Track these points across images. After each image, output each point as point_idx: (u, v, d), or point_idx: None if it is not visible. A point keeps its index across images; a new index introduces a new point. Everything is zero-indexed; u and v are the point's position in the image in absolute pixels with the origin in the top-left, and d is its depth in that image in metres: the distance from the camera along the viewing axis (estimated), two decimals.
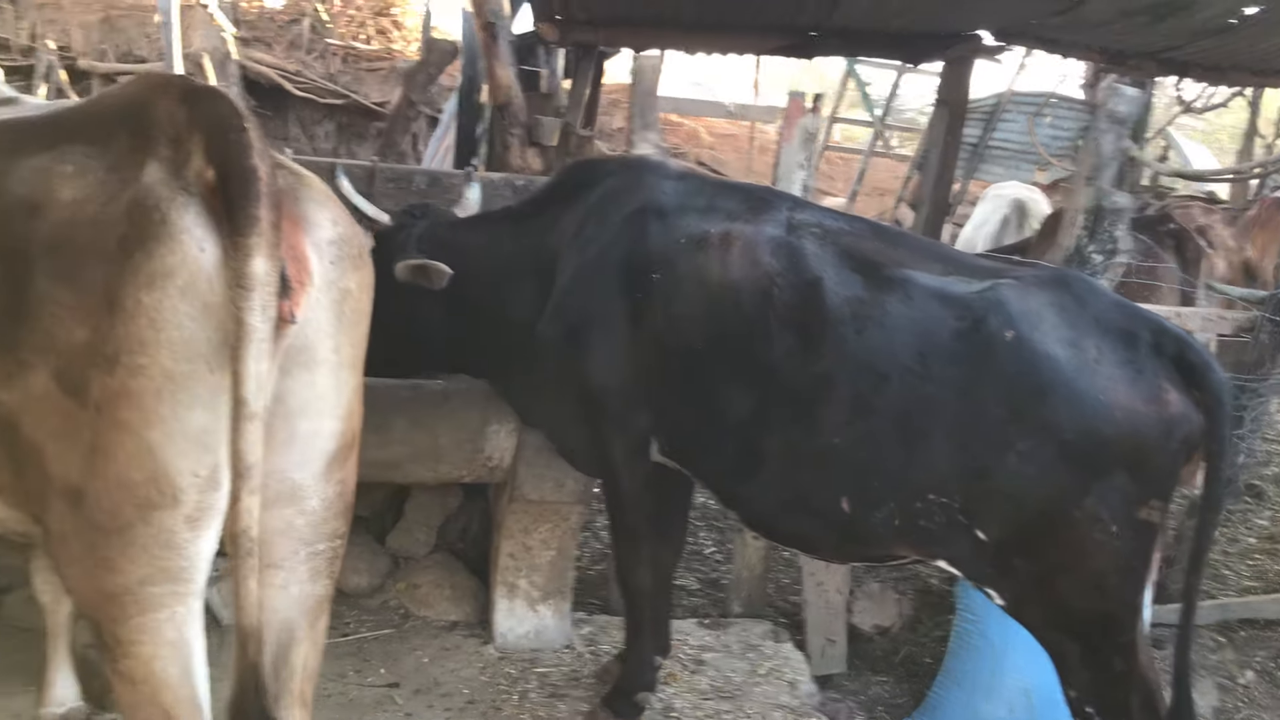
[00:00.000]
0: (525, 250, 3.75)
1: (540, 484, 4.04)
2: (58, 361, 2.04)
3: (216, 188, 2.05)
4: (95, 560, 2.10)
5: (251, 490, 2.01)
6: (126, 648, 2.13)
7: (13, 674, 3.56)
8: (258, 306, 1.99)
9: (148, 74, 2.37)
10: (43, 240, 2.07)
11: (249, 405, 1.99)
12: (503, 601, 4.17)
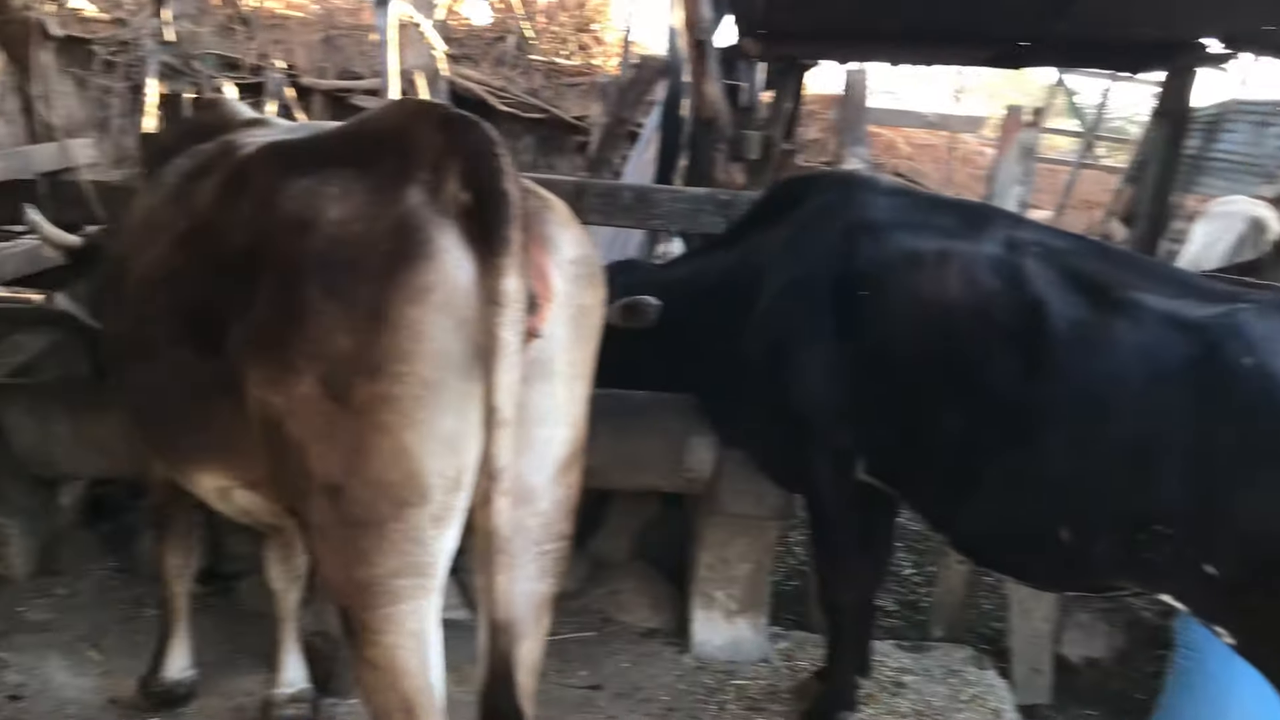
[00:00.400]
0: (732, 266, 3.82)
1: (740, 498, 4.08)
2: (324, 368, 2.21)
3: (472, 210, 2.19)
4: (350, 552, 2.26)
5: (503, 492, 2.13)
6: (373, 635, 2.30)
7: (245, 656, 3.83)
8: (510, 322, 2.12)
9: (405, 101, 2.55)
10: (313, 255, 2.25)
11: (501, 413, 2.11)
12: (700, 612, 4.24)
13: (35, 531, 4.26)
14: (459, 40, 13.42)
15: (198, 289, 2.55)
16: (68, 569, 4.29)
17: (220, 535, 4.17)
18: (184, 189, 2.83)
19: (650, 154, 6.94)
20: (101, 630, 3.92)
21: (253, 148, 2.69)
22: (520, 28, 13.39)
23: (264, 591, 3.68)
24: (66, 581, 4.22)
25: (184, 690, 3.52)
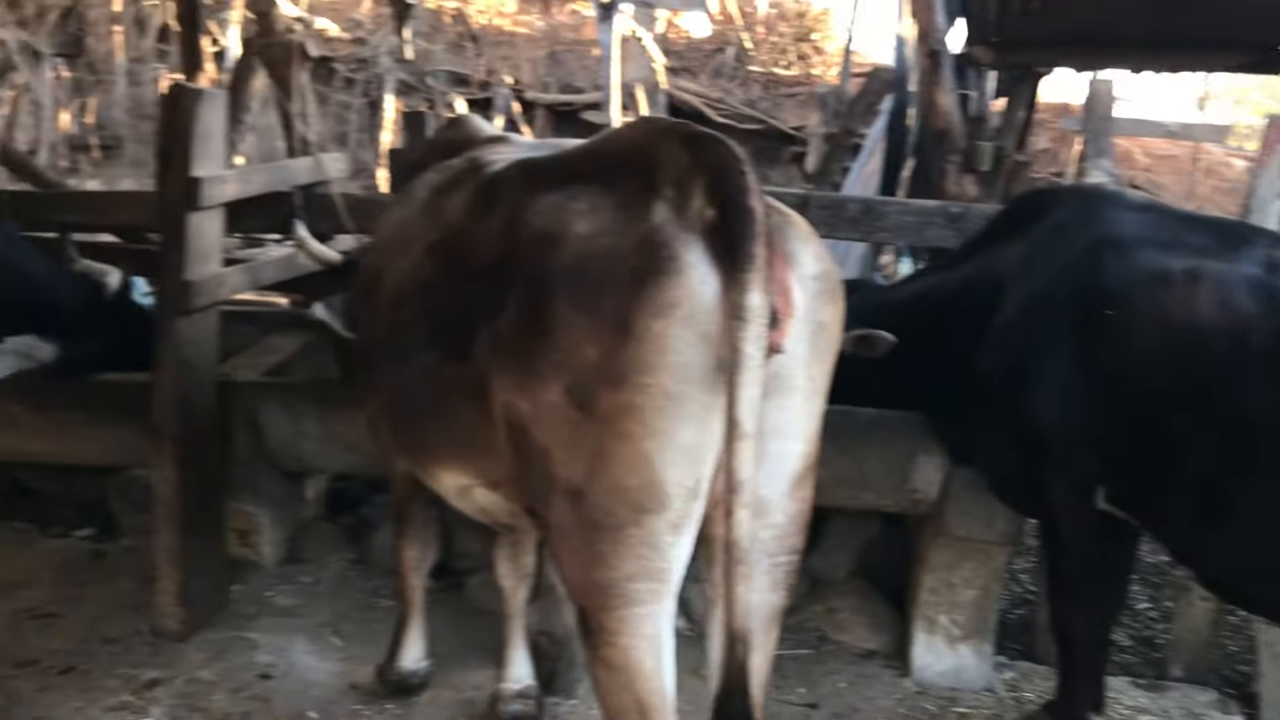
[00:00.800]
0: (968, 281, 3.71)
1: (968, 521, 3.96)
2: (570, 377, 2.28)
3: (717, 226, 2.21)
4: (590, 554, 2.32)
5: (743, 504, 2.15)
6: (609, 636, 2.35)
7: (473, 651, 3.97)
8: (753, 336, 2.13)
9: (649, 119, 2.60)
10: (561, 269, 2.32)
11: (743, 426, 2.13)
12: (921, 636, 4.13)
13: (283, 522, 4.55)
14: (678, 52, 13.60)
15: (447, 298, 2.68)
16: (311, 558, 4.56)
17: (452, 533, 4.34)
18: (434, 203, 2.97)
19: (873, 165, 6.84)
20: (342, 617, 4.15)
21: (501, 164, 2.81)
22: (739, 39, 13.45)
23: (493, 589, 3.82)
24: (310, 570, 4.48)
25: (418, 680, 3.68)
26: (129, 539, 4.66)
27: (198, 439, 3.98)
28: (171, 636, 3.88)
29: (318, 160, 4.90)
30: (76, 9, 16.71)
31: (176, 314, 3.86)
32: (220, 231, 4.13)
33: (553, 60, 14.24)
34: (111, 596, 4.20)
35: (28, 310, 4.07)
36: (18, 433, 4.45)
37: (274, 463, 4.43)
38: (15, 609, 4.08)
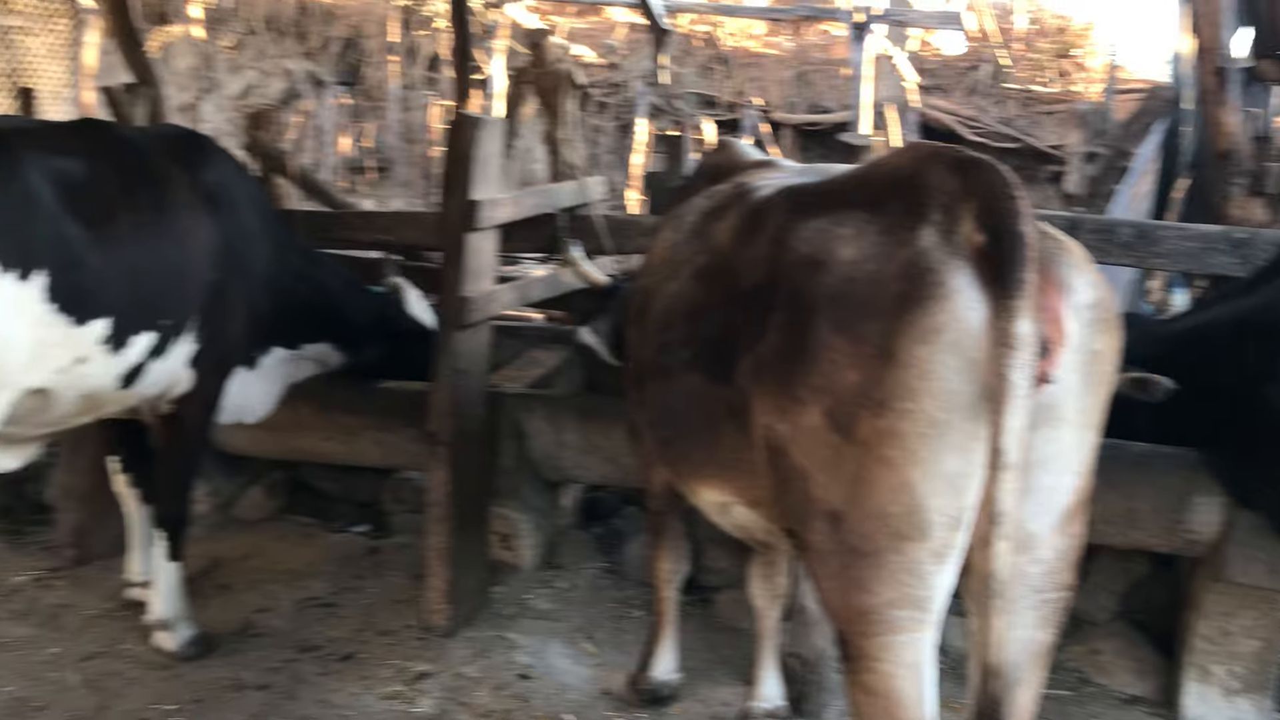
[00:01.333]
0: (1256, 312, 3.49)
1: (1250, 566, 3.70)
2: (830, 401, 2.30)
3: (986, 252, 2.19)
4: (848, 579, 2.33)
5: (1004, 536, 2.12)
6: (869, 662, 2.35)
7: (721, 668, 4.03)
8: (1021, 365, 2.09)
9: (916, 144, 2.59)
10: (825, 293, 2.35)
11: (1007, 456, 2.09)
12: (1194, 685, 3.89)
13: (541, 528, 4.76)
14: (931, 70, 13.35)
15: (712, 321, 2.75)
16: (566, 564, 4.74)
17: (702, 549, 4.43)
18: (702, 228, 3.06)
19: (1144, 187, 6.50)
20: (595, 624, 4.29)
21: (767, 190, 2.86)
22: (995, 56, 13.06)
23: (742, 606, 3.87)
24: (565, 576, 4.66)
25: (669, 691, 3.77)
26: (401, 536, 4.99)
27: (468, 445, 4.22)
28: (438, 632, 4.12)
29: (582, 183, 5.12)
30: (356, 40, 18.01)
31: (454, 327, 4.11)
32: (495, 251, 4.37)
33: (801, 81, 14.26)
34: (384, 590, 4.51)
35: (326, 323, 4.44)
36: (305, 434, 4.86)
37: (536, 471, 4.65)
38: (300, 597, 4.44)
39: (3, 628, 4.12)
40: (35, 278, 3.04)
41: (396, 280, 4.63)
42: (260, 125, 6.06)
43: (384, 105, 17.27)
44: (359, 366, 4.63)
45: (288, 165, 5.87)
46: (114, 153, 3.58)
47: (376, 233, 5.39)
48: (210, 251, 3.81)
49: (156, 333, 3.57)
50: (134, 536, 4.33)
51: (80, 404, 3.46)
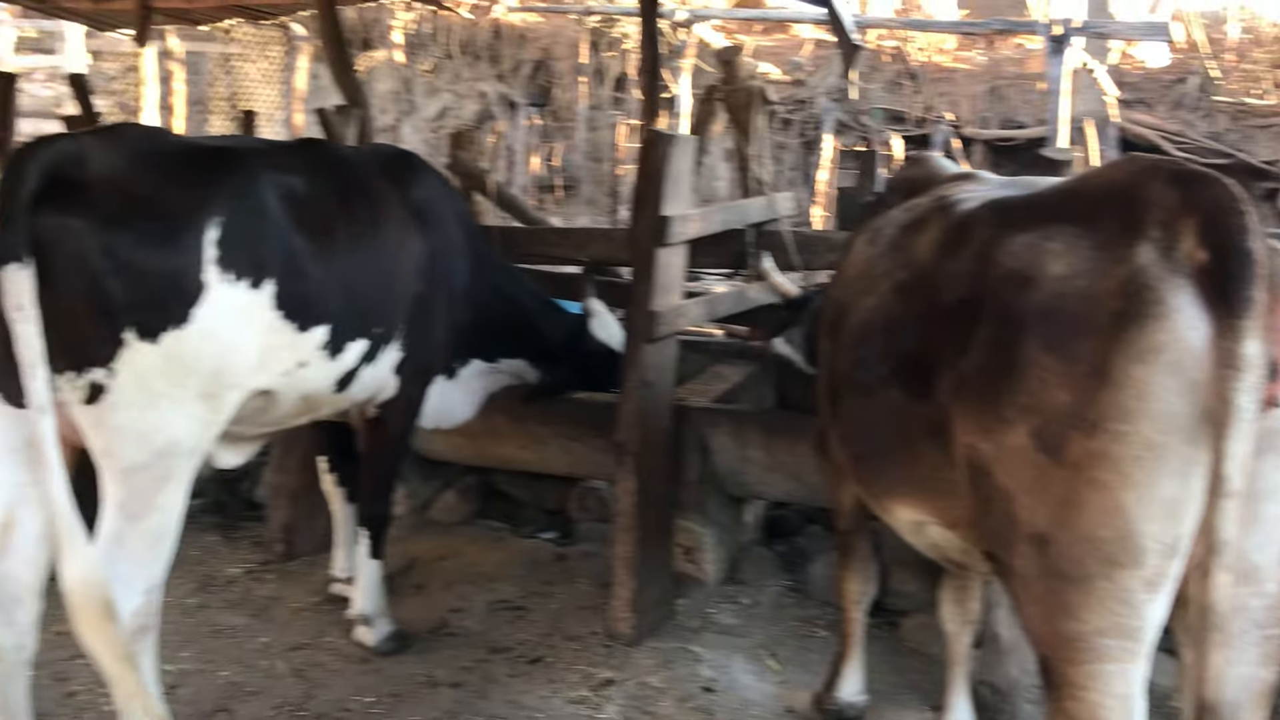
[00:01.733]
0: None
1: None
2: (1038, 421, 2.24)
3: (1209, 269, 2.10)
4: (1055, 604, 2.26)
5: (1225, 566, 2.03)
6: (1074, 690, 2.27)
7: (908, 693, 3.95)
8: (1247, 388, 2.01)
9: (1133, 157, 2.50)
10: (1033, 310, 2.29)
11: (1229, 483, 2.01)
12: None
13: (725, 543, 4.77)
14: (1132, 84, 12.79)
15: (913, 336, 2.71)
16: (749, 580, 4.74)
17: (888, 571, 4.35)
18: (901, 241, 3.02)
19: None
20: (778, 642, 4.27)
21: (971, 203, 2.81)
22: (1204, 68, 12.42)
23: (931, 631, 3.79)
24: (748, 592, 4.66)
25: (855, 713, 3.71)
26: (587, 544, 5.09)
27: (654, 457, 4.28)
28: (623, 640, 4.18)
29: (771, 200, 5.13)
30: (546, 62, 18.50)
31: (642, 341, 4.18)
32: (684, 266, 4.42)
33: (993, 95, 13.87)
34: (571, 596, 4.60)
35: (522, 339, 4.58)
36: (500, 441, 5.02)
37: (719, 486, 4.67)
38: (491, 599, 4.58)
39: (219, 616, 4.40)
40: (266, 286, 3.24)
41: (593, 302, 4.73)
42: (462, 145, 6.29)
43: (572, 125, 17.69)
44: (551, 383, 4.75)
45: (487, 183, 6.08)
46: (333, 170, 3.78)
47: (569, 249, 5.52)
48: (418, 265, 3.99)
49: (368, 340, 3.76)
50: (339, 534, 4.55)
51: (299, 406, 3.66)
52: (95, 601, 2.86)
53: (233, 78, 18.96)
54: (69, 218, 2.90)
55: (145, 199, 3.03)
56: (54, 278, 2.87)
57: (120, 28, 11.05)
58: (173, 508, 3.14)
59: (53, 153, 2.98)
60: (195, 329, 3.05)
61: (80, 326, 2.91)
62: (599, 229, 6.66)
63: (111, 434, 3.01)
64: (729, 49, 5.51)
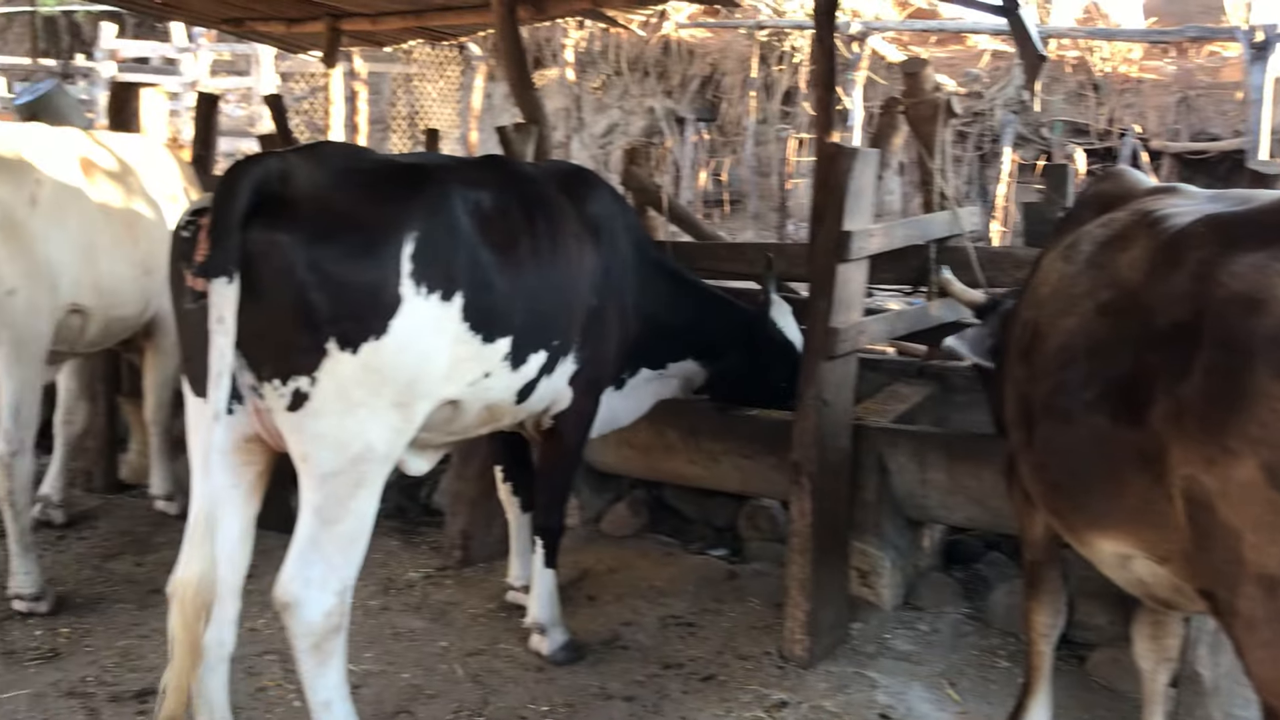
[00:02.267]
0: None
1: None
2: (1268, 453, 2.10)
3: None
4: None
5: None
6: None
7: None
8: None
9: None
10: (1263, 335, 2.15)
11: None
12: None
13: (901, 567, 4.64)
14: None
15: (1121, 360, 2.57)
16: (926, 606, 4.61)
17: (1074, 602, 4.16)
18: (1102, 259, 2.87)
19: None
20: (958, 671, 4.13)
21: (1181, 219, 2.65)
22: None
23: (1121, 667, 3.60)
24: (926, 618, 4.52)
25: None
26: (758, 563, 5.03)
27: (830, 477, 4.20)
28: (797, 662, 4.11)
29: (955, 215, 4.99)
30: (714, 77, 18.55)
31: (821, 358, 4.11)
32: (864, 282, 4.34)
33: (1184, 106, 13.24)
34: (743, 615, 4.56)
35: (690, 343, 4.56)
36: (671, 457, 5.02)
37: (897, 508, 4.55)
38: (662, 614, 4.57)
39: (399, 619, 4.52)
40: (456, 299, 3.31)
41: (771, 294, 4.69)
42: (636, 160, 6.34)
43: (739, 140, 17.68)
44: (722, 380, 4.69)
45: (661, 199, 6.10)
46: (514, 186, 3.85)
47: (742, 264, 5.49)
48: (593, 278, 4.02)
49: (547, 352, 3.80)
50: (515, 543, 4.62)
51: (481, 416, 3.73)
52: (197, 603, 3.00)
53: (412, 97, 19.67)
54: (277, 233, 3.02)
55: (347, 215, 3.14)
56: (263, 290, 3.00)
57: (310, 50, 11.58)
58: (366, 512, 3.24)
59: (260, 171, 3.11)
60: (392, 340, 3.14)
61: (286, 337, 3.03)
62: (773, 243, 6.61)
63: (311, 440, 3.12)
64: (914, 61, 5.39)
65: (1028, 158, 13.05)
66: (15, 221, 4.40)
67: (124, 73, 19.11)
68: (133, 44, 20.47)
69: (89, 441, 6.05)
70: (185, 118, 18.21)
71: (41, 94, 7.56)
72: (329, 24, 9.51)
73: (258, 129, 18.59)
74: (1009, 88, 13.79)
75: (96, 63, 19.18)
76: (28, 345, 4.46)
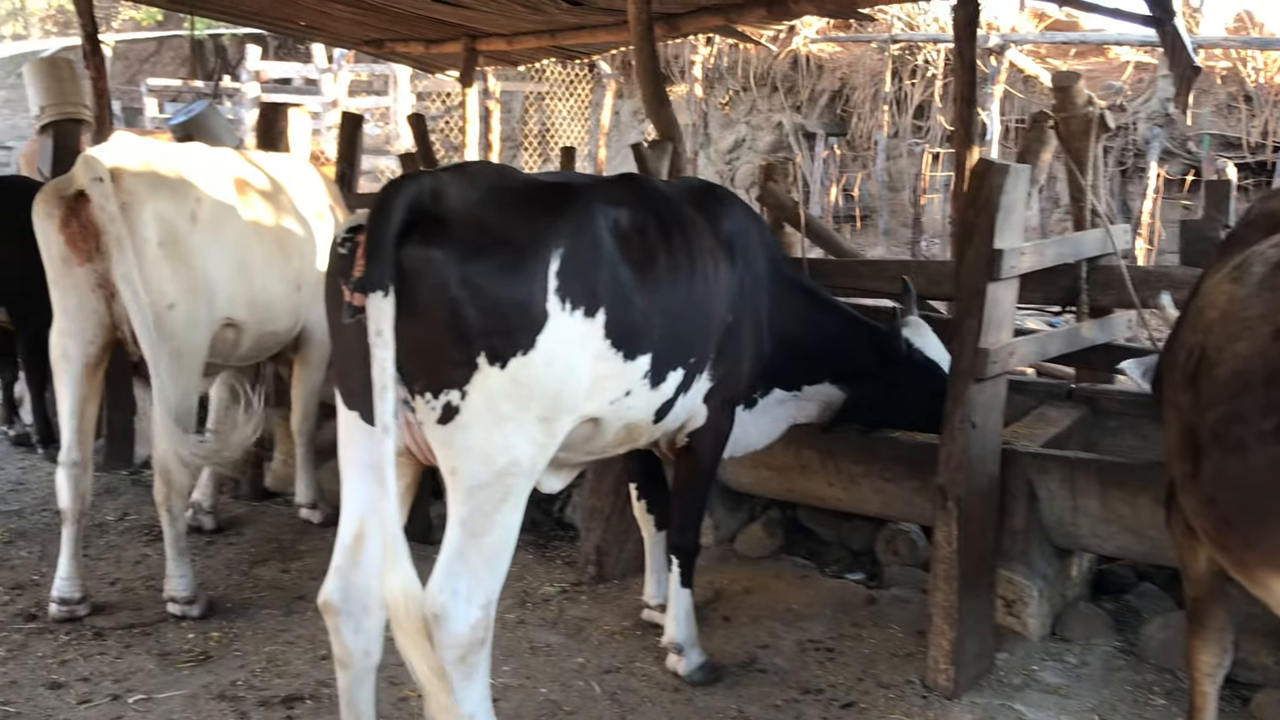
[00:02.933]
0: None
1: None
2: None
3: None
4: None
5: None
6: None
7: None
8: None
9: None
10: None
11: None
12: None
13: (1049, 597, 4.48)
14: None
15: None
16: (1075, 638, 4.43)
17: (1239, 640, 3.95)
18: (1276, 281, 2.73)
19: None
20: (1110, 707, 3.96)
21: None
22: None
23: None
24: (1075, 650, 4.35)
25: None
26: (897, 589, 4.91)
27: (979, 503, 4.08)
28: (941, 692, 4.00)
29: (1107, 232, 4.82)
30: (844, 91, 18.39)
31: (970, 380, 4.00)
32: (1014, 302, 4.21)
33: None
34: (883, 641, 4.45)
35: (825, 366, 4.48)
36: (809, 477, 4.94)
37: (1046, 536, 4.40)
38: (800, 638, 4.49)
39: (536, 633, 4.54)
40: (599, 315, 3.32)
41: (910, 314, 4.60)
42: (772, 176, 6.29)
43: (868, 154, 17.48)
44: (861, 404, 4.60)
45: (799, 215, 6.04)
46: (652, 203, 3.84)
47: (882, 282, 5.39)
48: (728, 295, 3.99)
49: (684, 370, 3.78)
50: (650, 561, 4.61)
51: (620, 434, 3.73)
52: (414, 616, 3.01)
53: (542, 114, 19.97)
54: (431, 249, 3.07)
55: (497, 232, 3.17)
56: (416, 306, 3.04)
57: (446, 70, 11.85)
58: (510, 526, 3.26)
59: (414, 189, 3.16)
60: (538, 355, 3.16)
61: (439, 351, 3.08)
62: (914, 261, 6.50)
63: (460, 453, 3.15)
64: (1066, 74, 5.22)
65: (1174, 173, 12.57)
66: (177, 238, 4.57)
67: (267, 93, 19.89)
68: (275, 65, 21.32)
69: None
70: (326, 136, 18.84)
71: (195, 114, 7.89)
72: (466, 44, 9.73)
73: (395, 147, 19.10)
74: (1153, 100, 13.33)
75: (241, 83, 20.01)
76: (187, 357, 4.64)
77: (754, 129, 19.50)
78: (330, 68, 19.61)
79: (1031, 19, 15.92)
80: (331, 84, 19.65)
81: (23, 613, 4.69)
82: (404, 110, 19.74)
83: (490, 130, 14.34)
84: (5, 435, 7.60)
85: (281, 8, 8.74)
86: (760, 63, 18.66)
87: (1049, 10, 15.79)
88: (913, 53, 16.40)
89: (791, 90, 18.72)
